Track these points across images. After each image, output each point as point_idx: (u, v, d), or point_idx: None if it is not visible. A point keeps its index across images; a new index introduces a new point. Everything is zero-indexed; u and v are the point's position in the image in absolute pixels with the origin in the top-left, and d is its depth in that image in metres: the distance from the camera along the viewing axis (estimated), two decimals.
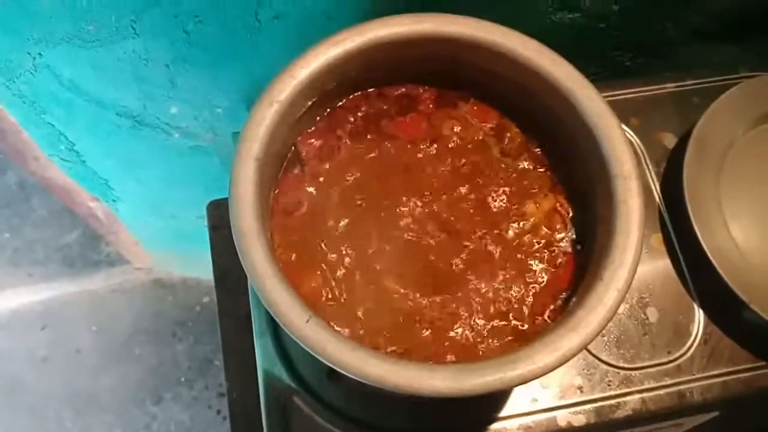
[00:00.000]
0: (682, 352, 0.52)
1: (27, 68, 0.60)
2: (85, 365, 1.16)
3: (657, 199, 0.56)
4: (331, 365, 0.35)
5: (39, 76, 0.61)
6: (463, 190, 0.44)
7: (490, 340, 0.41)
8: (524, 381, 0.35)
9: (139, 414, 1.13)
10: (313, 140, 0.45)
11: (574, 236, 0.44)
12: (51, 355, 1.17)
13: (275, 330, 0.52)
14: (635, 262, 0.38)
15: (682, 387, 0.51)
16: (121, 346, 1.17)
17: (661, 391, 0.50)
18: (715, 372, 0.51)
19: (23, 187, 1.23)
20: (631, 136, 0.58)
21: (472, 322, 0.41)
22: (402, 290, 0.41)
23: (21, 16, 0.53)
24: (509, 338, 0.41)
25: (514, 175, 0.45)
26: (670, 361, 0.51)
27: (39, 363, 1.16)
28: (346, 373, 0.35)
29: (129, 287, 1.20)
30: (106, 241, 1.18)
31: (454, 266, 0.43)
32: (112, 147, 0.74)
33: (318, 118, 0.46)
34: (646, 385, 0.50)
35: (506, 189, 0.45)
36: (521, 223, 0.44)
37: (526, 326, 0.41)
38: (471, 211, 0.44)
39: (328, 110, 0.46)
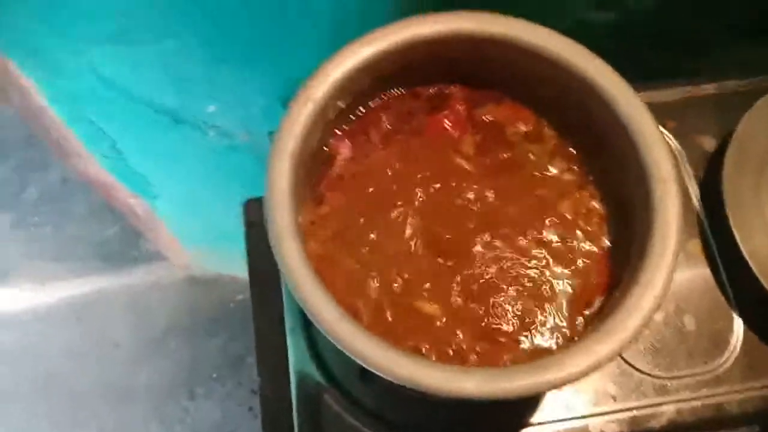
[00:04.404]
0: (720, 362, 0.50)
1: (70, 66, 0.61)
2: (121, 359, 1.18)
3: (695, 204, 0.55)
4: (362, 364, 0.35)
5: (81, 74, 0.62)
6: (495, 190, 0.44)
7: (524, 346, 0.40)
8: (555, 386, 0.35)
9: (173, 409, 1.15)
10: (345, 141, 0.45)
11: (609, 238, 0.43)
12: (88, 349, 1.19)
13: (307, 327, 0.52)
14: (672, 267, 0.37)
15: (720, 398, 0.49)
16: (157, 342, 1.19)
17: (698, 402, 0.49)
18: (756, 384, 0.50)
19: (65, 183, 1.25)
20: (670, 138, 0.57)
21: (506, 329, 0.41)
22: (431, 304, 0.41)
23: (65, 15, 0.55)
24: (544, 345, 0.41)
25: (549, 175, 0.45)
26: (708, 371, 0.50)
27: (76, 356, 1.19)
28: (376, 372, 0.35)
29: (166, 283, 1.22)
30: (145, 238, 1.20)
31: (487, 270, 0.42)
32: (151, 144, 0.76)
33: (351, 117, 0.46)
34: (683, 396, 0.49)
35: (541, 189, 0.44)
36: (556, 224, 0.43)
37: (561, 332, 0.41)
38: (503, 212, 0.43)
39: (362, 110, 0.46)
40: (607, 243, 0.43)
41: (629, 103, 0.40)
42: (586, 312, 0.41)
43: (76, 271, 1.23)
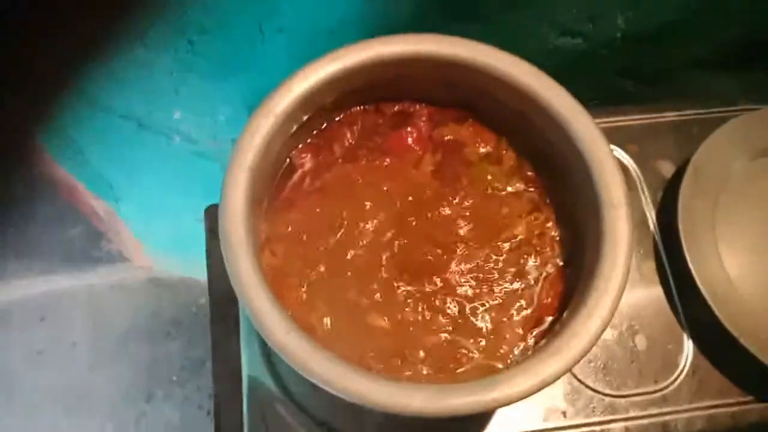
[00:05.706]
0: (669, 382, 0.51)
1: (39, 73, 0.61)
2: (79, 360, 1.16)
3: (651, 227, 0.56)
4: (309, 379, 0.35)
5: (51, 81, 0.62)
6: (452, 208, 0.45)
7: (474, 364, 0.41)
8: (502, 405, 0.35)
9: (130, 411, 1.13)
10: (307, 154, 0.45)
11: (562, 259, 0.44)
12: (47, 349, 1.17)
13: (262, 337, 0.52)
14: (620, 291, 0.38)
15: (667, 417, 0.51)
16: (117, 343, 1.17)
17: (645, 421, 0.50)
18: (702, 404, 0.51)
19: (29, 185, 1.23)
20: (629, 162, 0.58)
21: (458, 346, 0.41)
22: (384, 318, 0.41)
23: None
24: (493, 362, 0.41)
25: (506, 196, 0.45)
26: (657, 391, 0.51)
27: (35, 355, 1.16)
28: (324, 388, 0.35)
29: (127, 285, 1.20)
30: (107, 239, 1.19)
31: (440, 285, 0.43)
32: (116, 149, 0.75)
33: (314, 131, 0.46)
34: (631, 414, 0.50)
35: (497, 209, 0.45)
36: (510, 244, 0.44)
37: (509, 349, 0.41)
38: (459, 230, 0.44)
39: (325, 124, 0.46)
40: (560, 264, 0.43)
41: (585, 129, 0.41)
42: (537, 330, 0.42)
43: (37, 270, 1.21)
